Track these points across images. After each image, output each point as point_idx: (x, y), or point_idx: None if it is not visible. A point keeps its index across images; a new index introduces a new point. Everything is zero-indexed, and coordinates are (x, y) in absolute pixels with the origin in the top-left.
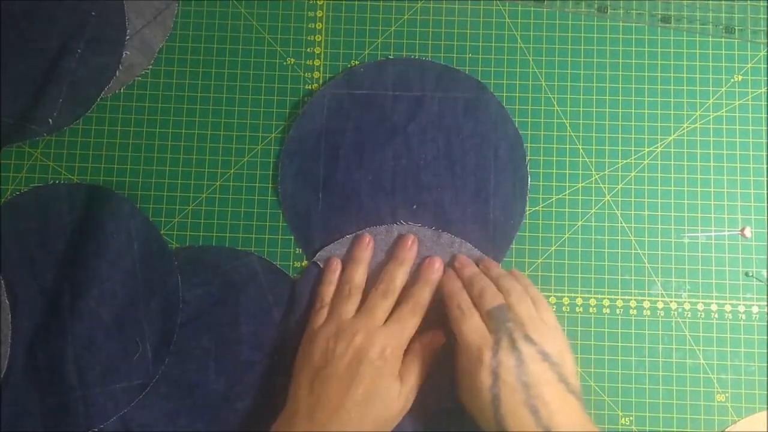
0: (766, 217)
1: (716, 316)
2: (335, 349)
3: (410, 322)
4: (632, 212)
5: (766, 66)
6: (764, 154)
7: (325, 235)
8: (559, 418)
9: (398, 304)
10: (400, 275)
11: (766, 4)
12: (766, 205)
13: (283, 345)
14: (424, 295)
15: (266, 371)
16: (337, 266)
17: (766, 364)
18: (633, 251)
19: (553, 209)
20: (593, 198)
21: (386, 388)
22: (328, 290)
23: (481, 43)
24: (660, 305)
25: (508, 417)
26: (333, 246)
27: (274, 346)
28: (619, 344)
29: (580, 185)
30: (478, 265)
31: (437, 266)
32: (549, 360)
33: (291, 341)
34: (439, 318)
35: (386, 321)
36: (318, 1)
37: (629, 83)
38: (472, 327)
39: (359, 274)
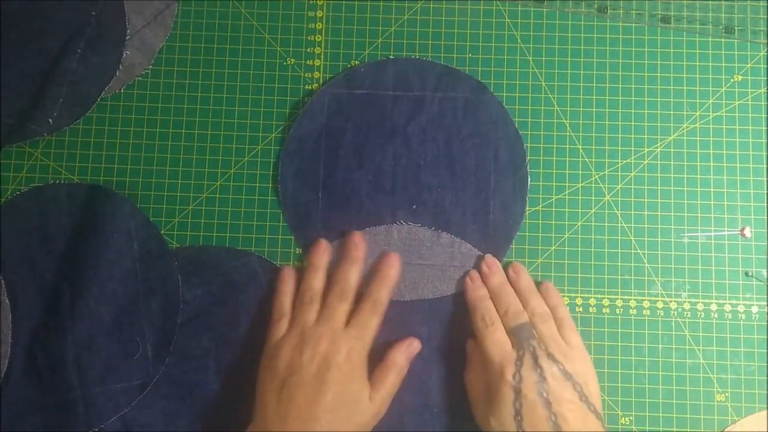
0: (766, 217)
1: (716, 316)
2: (302, 357)
3: (371, 322)
4: (632, 212)
5: (766, 66)
6: (764, 154)
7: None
8: None
9: (357, 304)
10: (353, 275)
11: (766, 4)
12: (766, 205)
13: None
14: (382, 293)
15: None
16: (291, 276)
17: (766, 364)
18: (633, 251)
19: (553, 209)
20: (593, 198)
21: (355, 392)
22: (285, 300)
23: (481, 43)
24: (660, 305)
25: None
26: (333, 246)
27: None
28: (619, 344)
29: (580, 185)
30: (508, 271)
31: (392, 262)
32: (571, 380)
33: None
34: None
35: (348, 323)
36: (318, 1)
37: (629, 83)
38: (495, 341)
39: (318, 280)
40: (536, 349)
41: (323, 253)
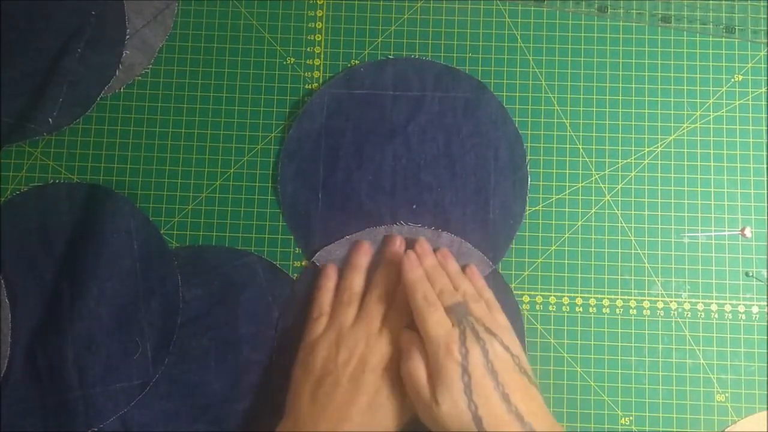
0: (766, 217)
1: (716, 316)
2: (337, 357)
3: (400, 324)
4: (632, 212)
5: (766, 66)
6: (764, 154)
7: (325, 235)
8: (526, 407)
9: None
10: (392, 277)
11: (766, 4)
12: (766, 205)
13: (280, 345)
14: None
15: (266, 371)
16: (333, 273)
17: (766, 364)
18: (633, 251)
19: (553, 209)
20: (593, 198)
21: (389, 397)
22: (326, 298)
23: (481, 43)
24: (660, 305)
25: (481, 405)
26: (333, 246)
27: (272, 346)
28: (619, 344)
29: (580, 185)
30: (437, 255)
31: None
32: (510, 351)
33: (289, 341)
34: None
35: (383, 327)
36: (318, 1)
37: (629, 83)
38: (438, 320)
39: (358, 281)
40: (474, 324)
41: (365, 253)
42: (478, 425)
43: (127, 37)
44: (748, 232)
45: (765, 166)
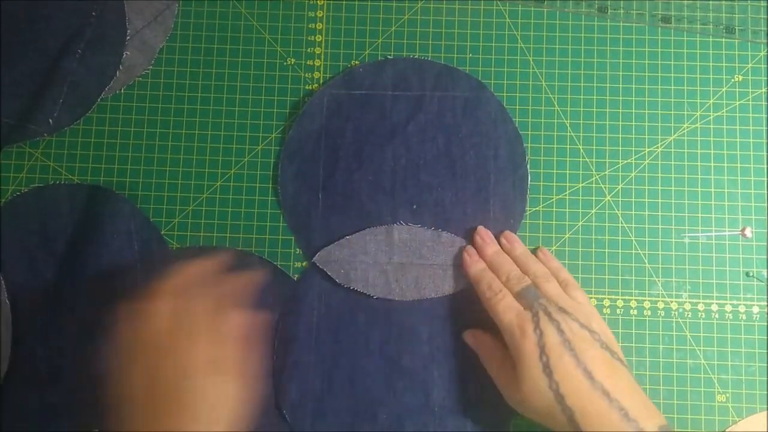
0: (766, 217)
1: (716, 316)
2: None
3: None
4: (632, 212)
5: (766, 66)
6: (764, 154)
7: (325, 235)
8: (613, 383)
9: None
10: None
11: (766, 4)
12: (766, 205)
13: (281, 345)
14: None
15: (266, 371)
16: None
17: (766, 364)
18: (633, 251)
19: (553, 209)
20: (593, 198)
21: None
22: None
23: (481, 43)
24: (660, 305)
25: (563, 383)
26: (333, 247)
27: (273, 347)
28: (620, 344)
29: (580, 185)
30: (501, 241)
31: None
32: (587, 328)
33: (290, 341)
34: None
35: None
36: (318, 1)
37: (629, 83)
38: (507, 306)
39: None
40: (547, 306)
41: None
42: (560, 402)
43: (128, 37)
44: (748, 232)
45: (765, 166)
